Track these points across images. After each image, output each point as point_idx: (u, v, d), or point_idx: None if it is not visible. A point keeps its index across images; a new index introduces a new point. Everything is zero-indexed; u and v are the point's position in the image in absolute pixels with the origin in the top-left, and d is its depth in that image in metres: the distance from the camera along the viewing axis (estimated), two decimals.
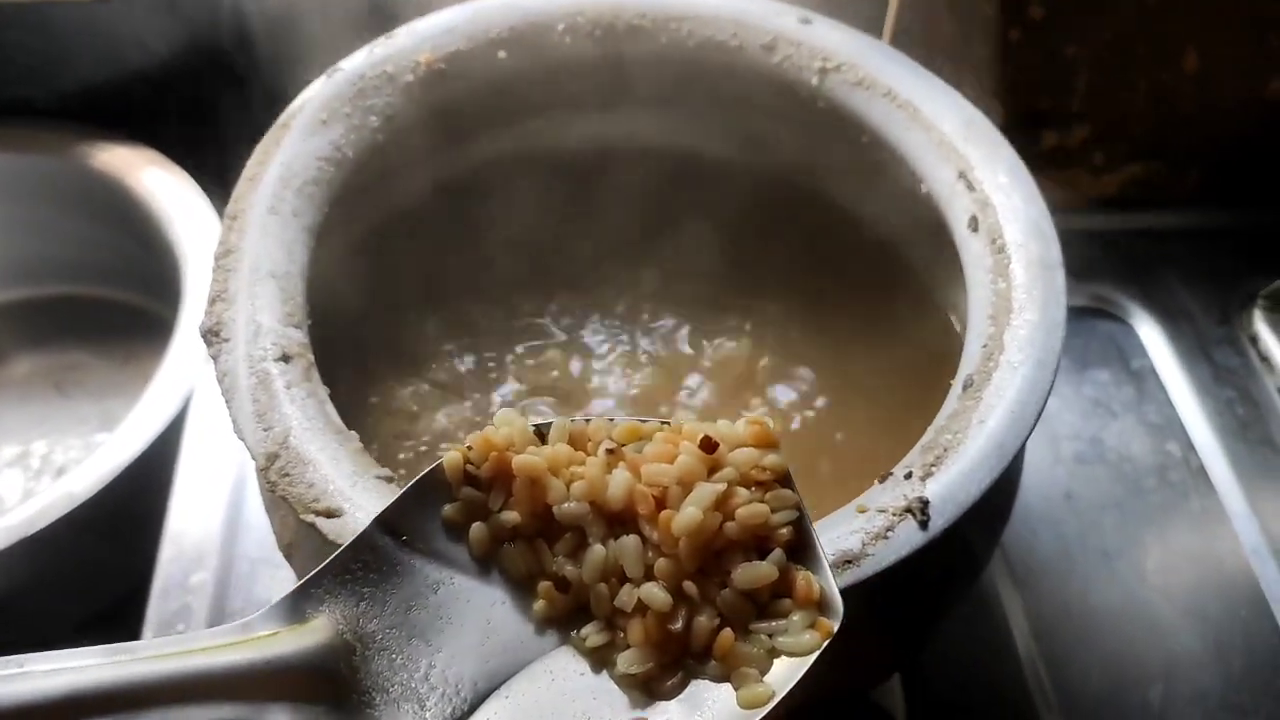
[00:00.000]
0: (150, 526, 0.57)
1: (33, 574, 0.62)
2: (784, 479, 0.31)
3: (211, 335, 0.39)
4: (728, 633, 0.30)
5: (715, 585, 0.31)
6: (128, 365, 0.84)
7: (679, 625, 0.30)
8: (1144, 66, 0.69)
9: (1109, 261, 0.73)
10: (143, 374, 0.67)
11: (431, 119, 0.49)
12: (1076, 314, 0.52)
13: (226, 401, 0.38)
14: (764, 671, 0.30)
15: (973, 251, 0.42)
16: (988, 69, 0.69)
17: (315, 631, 0.29)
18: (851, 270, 0.53)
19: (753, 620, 0.30)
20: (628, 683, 0.30)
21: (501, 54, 0.49)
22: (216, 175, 0.73)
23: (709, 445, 0.31)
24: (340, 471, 0.36)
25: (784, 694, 0.29)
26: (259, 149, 0.44)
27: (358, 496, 0.35)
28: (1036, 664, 0.56)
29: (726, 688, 0.30)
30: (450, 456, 0.32)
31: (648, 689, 0.30)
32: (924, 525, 0.34)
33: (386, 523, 0.31)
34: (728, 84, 0.51)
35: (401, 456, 0.47)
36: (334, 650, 0.29)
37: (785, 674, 0.29)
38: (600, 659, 0.31)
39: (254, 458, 0.36)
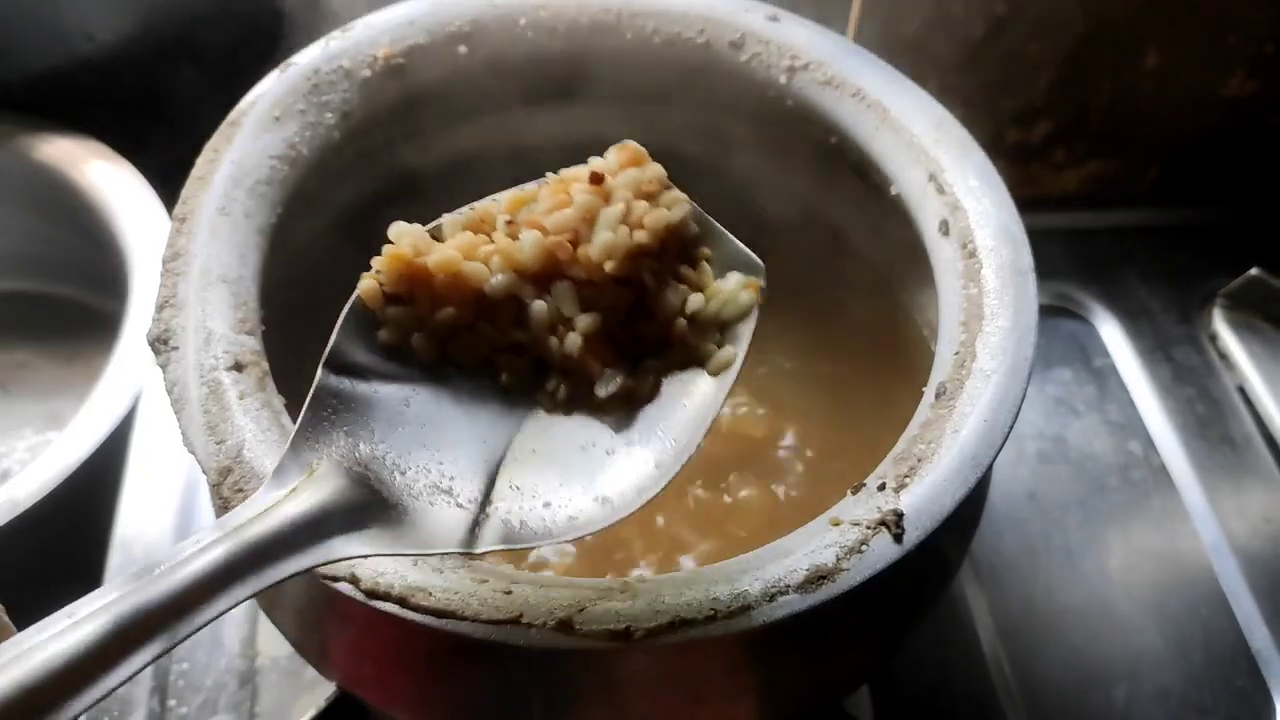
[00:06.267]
0: (98, 532, 0.56)
1: None
2: (667, 185, 0.34)
3: (159, 343, 0.37)
4: (680, 322, 0.33)
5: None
6: (73, 364, 0.81)
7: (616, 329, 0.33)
8: (1106, 64, 0.69)
9: (1070, 260, 0.73)
10: (89, 373, 0.64)
11: (389, 115, 0.48)
12: (1039, 313, 0.52)
13: (176, 413, 0.36)
14: (720, 345, 0.34)
15: (944, 256, 0.42)
16: (951, 65, 0.68)
17: (327, 475, 0.29)
18: (820, 277, 0.53)
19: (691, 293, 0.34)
20: (611, 406, 0.33)
21: (462, 48, 0.48)
22: (164, 169, 0.70)
23: (597, 178, 0.33)
24: None
25: (745, 349, 0.33)
26: (208, 147, 0.42)
27: None
28: (1002, 663, 0.56)
29: (696, 371, 0.33)
30: (364, 285, 0.32)
31: (629, 400, 0.33)
32: (898, 539, 0.33)
33: (333, 364, 0.32)
34: (695, 82, 0.50)
35: None
36: (352, 482, 0.30)
37: (738, 336, 0.34)
38: (575, 403, 0.33)
39: (205, 473, 0.35)
